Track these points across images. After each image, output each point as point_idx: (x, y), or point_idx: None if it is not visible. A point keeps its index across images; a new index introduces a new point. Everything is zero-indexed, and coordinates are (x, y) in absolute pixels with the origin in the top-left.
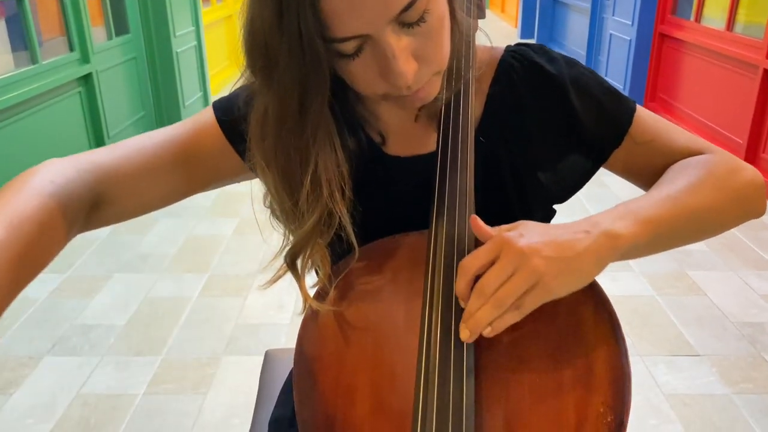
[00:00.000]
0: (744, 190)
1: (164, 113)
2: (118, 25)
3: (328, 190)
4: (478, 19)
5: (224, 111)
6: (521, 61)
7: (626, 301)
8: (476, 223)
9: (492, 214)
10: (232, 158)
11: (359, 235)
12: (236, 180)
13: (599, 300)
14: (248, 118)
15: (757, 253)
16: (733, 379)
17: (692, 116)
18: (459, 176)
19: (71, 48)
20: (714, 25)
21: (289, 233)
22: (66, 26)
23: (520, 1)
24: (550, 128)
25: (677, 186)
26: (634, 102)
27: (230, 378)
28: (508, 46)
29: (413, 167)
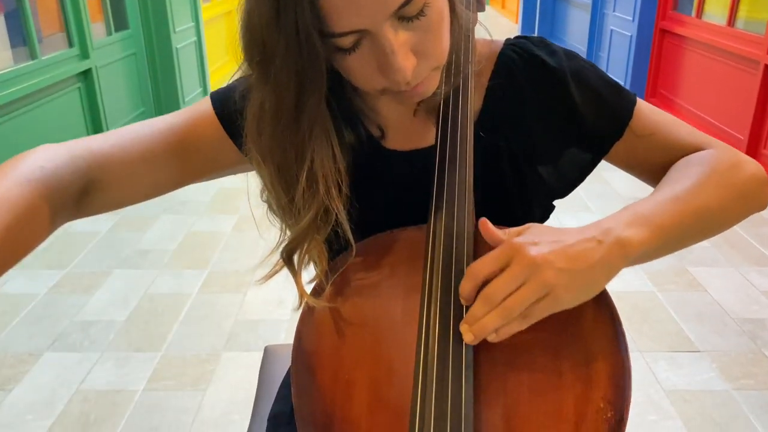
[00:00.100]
0: (747, 185)
1: (164, 109)
2: (117, 20)
3: (325, 186)
4: (478, 12)
5: (222, 101)
6: (521, 54)
7: (626, 297)
8: (486, 227)
9: (491, 208)
10: (229, 149)
11: (357, 229)
12: (233, 171)
13: (599, 295)
14: (244, 113)
15: (757, 249)
16: (734, 375)
17: (693, 112)
18: (458, 170)
19: (71, 44)
20: (715, 21)
21: (286, 228)
22: (65, 22)
23: None
24: (551, 121)
25: (683, 186)
26: (634, 95)
27: (230, 374)
28: (508, 39)
29: (412, 161)
